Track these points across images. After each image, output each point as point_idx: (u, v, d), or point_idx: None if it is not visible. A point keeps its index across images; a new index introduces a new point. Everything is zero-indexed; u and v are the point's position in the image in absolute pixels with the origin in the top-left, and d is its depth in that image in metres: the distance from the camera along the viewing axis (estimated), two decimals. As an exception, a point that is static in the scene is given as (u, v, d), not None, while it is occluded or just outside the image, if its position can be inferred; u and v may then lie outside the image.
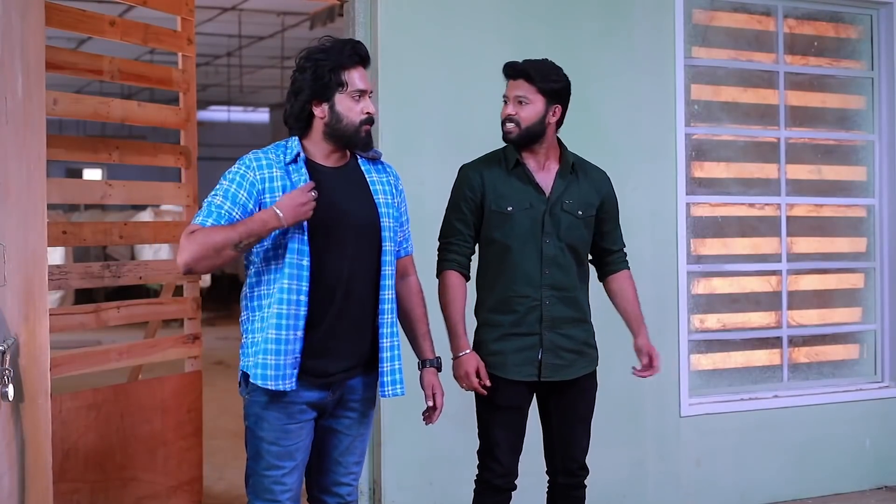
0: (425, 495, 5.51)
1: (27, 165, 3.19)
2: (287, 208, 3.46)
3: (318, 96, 3.63)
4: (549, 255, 4.22)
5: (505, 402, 4.23)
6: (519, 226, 4.19)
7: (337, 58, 3.61)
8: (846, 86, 6.92)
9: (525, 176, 4.25)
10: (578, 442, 4.35)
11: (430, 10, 5.60)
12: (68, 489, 4.85)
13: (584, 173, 4.35)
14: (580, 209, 4.28)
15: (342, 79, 3.61)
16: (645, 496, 6.01)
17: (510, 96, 4.22)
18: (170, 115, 5.69)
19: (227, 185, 3.56)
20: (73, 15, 5.07)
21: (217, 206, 3.53)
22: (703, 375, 6.36)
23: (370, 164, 3.80)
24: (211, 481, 6.36)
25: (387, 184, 3.80)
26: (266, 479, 3.61)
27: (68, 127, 22.54)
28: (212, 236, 3.45)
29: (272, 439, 3.59)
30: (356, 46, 3.66)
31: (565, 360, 4.25)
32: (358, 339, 3.70)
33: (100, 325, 5.21)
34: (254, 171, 3.57)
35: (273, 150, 3.66)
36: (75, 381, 5.24)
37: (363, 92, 3.64)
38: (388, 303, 3.73)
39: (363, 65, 3.66)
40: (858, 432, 6.59)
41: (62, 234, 5.13)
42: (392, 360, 3.74)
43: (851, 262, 6.89)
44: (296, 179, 3.59)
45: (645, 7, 6.07)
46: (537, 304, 4.21)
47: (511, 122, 4.21)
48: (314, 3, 11.33)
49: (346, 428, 3.76)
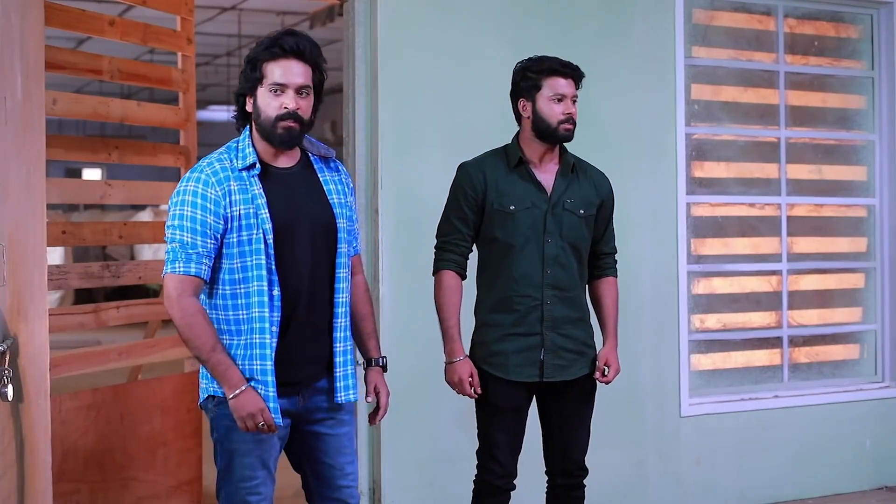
0: (425, 495, 5.51)
1: (26, 165, 3.18)
2: (242, 410, 3.41)
3: (246, 90, 3.53)
4: (550, 254, 4.20)
5: (505, 404, 4.22)
6: (521, 225, 4.17)
7: (259, 50, 3.49)
8: (846, 85, 6.91)
9: (527, 174, 4.24)
10: (578, 442, 4.34)
11: (430, 9, 5.59)
12: (68, 489, 4.85)
13: (584, 173, 4.35)
14: (581, 208, 4.27)
15: (261, 72, 3.48)
16: (645, 496, 6.01)
17: (568, 94, 4.21)
18: (169, 115, 5.68)
19: (192, 213, 3.43)
20: (72, 14, 5.07)
21: (191, 245, 3.42)
22: (703, 375, 6.35)
23: (322, 163, 3.68)
24: (210, 481, 6.31)
25: (339, 183, 3.69)
26: (241, 490, 3.54)
27: (68, 127, 22.52)
28: (196, 339, 3.41)
29: (245, 451, 3.51)
30: (281, 38, 3.48)
31: (566, 360, 4.25)
32: (320, 343, 3.61)
33: (99, 326, 5.20)
34: (213, 188, 3.44)
35: (226, 155, 3.53)
36: (75, 381, 5.24)
37: (282, 86, 3.45)
38: (343, 306, 3.63)
39: (293, 57, 3.46)
40: (859, 432, 6.58)
41: (62, 233, 5.13)
42: (345, 366, 3.63)
43: (852, 262, 6.88)
44: (252, 191, 3.47)
45: (645, 6, 6.07)
46: (538, 304, 4.20)
47: (572, 122, 4.21)
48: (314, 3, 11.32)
49: (330, 428, 3.66)
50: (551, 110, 4.19)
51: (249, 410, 3.42)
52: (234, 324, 3.50)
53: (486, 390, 4.20)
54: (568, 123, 4.20)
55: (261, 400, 3.44)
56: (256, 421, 3.42)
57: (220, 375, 3.43)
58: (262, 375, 3.46)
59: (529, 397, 4.30)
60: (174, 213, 3.46)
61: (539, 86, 4.22)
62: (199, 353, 3.43)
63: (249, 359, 3.47)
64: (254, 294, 3.46)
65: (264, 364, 3.46)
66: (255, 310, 3.46)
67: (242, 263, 3.46)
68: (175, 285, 3.42)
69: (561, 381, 4.25)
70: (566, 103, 4.20)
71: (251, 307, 3.46)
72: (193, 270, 3.42)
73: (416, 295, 5.15)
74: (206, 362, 3.43)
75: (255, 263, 3.46)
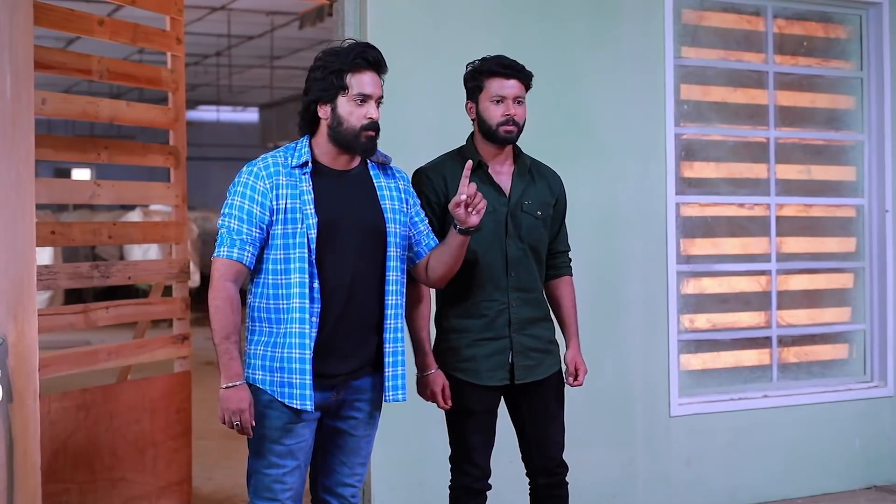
0: (416, 496, 5.51)
1: (16, 165, 3.18)
2: (228, 403, 3.52)
3: (321, 98, 3.65)
4: (513, 256, 4.18)
5: (478, 407, 4.20)
6: (484, 229, 4.00)
7: (343, 61, 3.62)
8: (835, 86, 6.93)
9: (486, 177, 4.17)
10: (554, 439, 4.31)
11: (420, 9, 5.60)
12: (57, 490, 4.84)
13: (539, 173, 4.31)
14: (538, 209, 4.23)
15: (345, 82, 3.61)
16: (635, 496, 6.02)
17: (509, 96, 4.12)
18: (159, 115, 5.67)
19: (241, 202, 3.59)
20: (61, 14, 5.05)
21: (237, 232, 3.58)
22: (692, 375, 6.36)
23: (379, 170, 3.81)
24: (200, 482, 6.35)
25: (395, 189, 3.81)
26: (267, 477, 3.63)
27: (57, 127, 22.51)
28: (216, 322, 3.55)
29: (275, 437, 3.61)
30: (366, 51, 3.65)
31: (534, 360, 4.23)
32: (361, 342, 3.70)
33: (89, 326, 5.19)
34: (262, 181, 3.60)
35: (283, 154, 3.69)
36: (64, 381, 5.23)
37: (366, 97, 3.63)
38: (393, 308, 3.74)
39: (373, 70, 3.65)
40: (848, 432, 6.60)
41: (51, 234, 5.11)
42: (395, 366, 3.75)
43: (841, 262, 6.90)
44: (301, 187, 3.61)
45: (634, 7, 6.08)
46: (505, 307, 4.18)
47: (513, 124, 4.13)
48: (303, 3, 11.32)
49: (352, 428, 3.77)
50: (491, 112, 4.13)
51: (233, 407, 3.54)
52: (274, 312, 3.62)
53: (458, 396, 4.15)
54: (508, 125, 4.11)
55: (247, 401, 3.55)
56: (235, 419, 3.54)
57: (223, 364, 3.54)
58: (301, 363, 3.57)
59: (499, 398, 4.29)
60: (227, 203, 3.63)
61: (481, 87, 4.16)
62: (214, 335, 3.56)
63: (288, 347, 3.58)
64: (294, 285, 3.58)
65: (303, 353, 3.57)
66: (295, 300, 3.57)
67: (285, 255, 3.59)
68: (217, 267, 3.59)
69: (532, 381, 4.24)
70: (506, 104, 4.11)
71: (291, 298, 3.58)
72: (236, 255, 3.57)
73: (406, 295, 5.14)
74: (216, 346, 3.55)
75: (297, 256, 3.58)
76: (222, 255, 3.58)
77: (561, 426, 4.35)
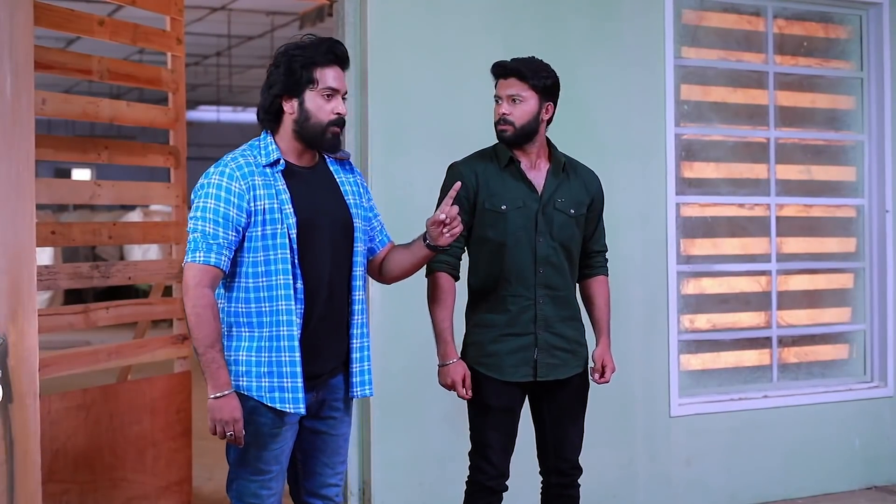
0: (415, 495, 5.51)
1: (16, 165, 3.18)
2: (219, 413, 3.44)
3: (288, 91, 3.57)
4: (542, 254, 4.20)
5: (498, 404, 4.22)
6: (512, 224, 4.15)
7: (311, 54, 3.56)
8: (836, 86, 6.93)
9: (518, 174, 4.23)
10: (571, 441, 4.34)
11: (420, 9, 5.60)
12: (57, 490, 4.84)
13: (575, 172, 4.34)
14: (572, 208, 4.26)
15: (314, 76, 3.56)
16: (635, 496, 6.02)
17: (503, 95, 4.19)
18: (159, 115, 5.67)
19: (215, 205, 3.47)
20: (61, 14, 5.05)
21: (212, 236, 3.46)
22: (692, 376, 6.36)
23: (338, 165, 3.77)
24: (200, 482, 6.35)
25: (354, 184, 3.79)
26: (253, 483, 3.58)
27: (57, 127, 22.50)
28: (199, 330, 3.43)
29: (261, 444, 3.56)
30: (333, 45, 3.61)
31: (559, 359, 4.25)
32: (338, 339, 3.68)
33: (89, 326, 5.19)
34: (237, 181, 3.49)
35: (249, 152, 3.59)
36: (64, 381, 5.23)
37: (334, 91, 3.58)
38: (360, 303, 3.71)
39: (339, 65, 3.60)
40: (848, 432, 6.60)
41: (51, 234, 5.11)
42: (361, 361, 3.72)
43: (841, 263, 6.90)
44: (277, 186, 3.54)
45: (634, 7, 6.08)
46: (531, 304, 4.20)
47: (506, 122, 4.18)
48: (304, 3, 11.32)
49: (332, 428, 3.73)
50: (494, 112, 4.23)
51: (226, 417, 3.45)
52: (255, 316, 3.54)
53: (479, 391, 4.19)
54: (501, 125, 4.18)
55: (239, 409, 3.47)
56: (227, 430, 3.46)
57: (210, 373, 3.45)
58: (291, 366, 3.52)
59: (522, 397, 4.30)
60: (197, 205, 3.50)
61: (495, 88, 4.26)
62: (197, 345, 3.46)
63: (277, 351, 3.52)
64: (279, 287, 3.51)
65: (293, 355, 3.52)
66: (281, 303, 3.51)
67: (266, 257, 3.52)
68: (193, 274, 3.46)
69: (554, 380, 4.25)
70: (502, 104, 4.20)
71: (276, 300, 3.51)
72: (213, 260, 3.46)
73: (406, 295, 5.14)
74: (201, 356, 3.45)
75: (279, 257, 3.51)
76: (198, 261, 3.44)
77: (580, 429, 4.37)
